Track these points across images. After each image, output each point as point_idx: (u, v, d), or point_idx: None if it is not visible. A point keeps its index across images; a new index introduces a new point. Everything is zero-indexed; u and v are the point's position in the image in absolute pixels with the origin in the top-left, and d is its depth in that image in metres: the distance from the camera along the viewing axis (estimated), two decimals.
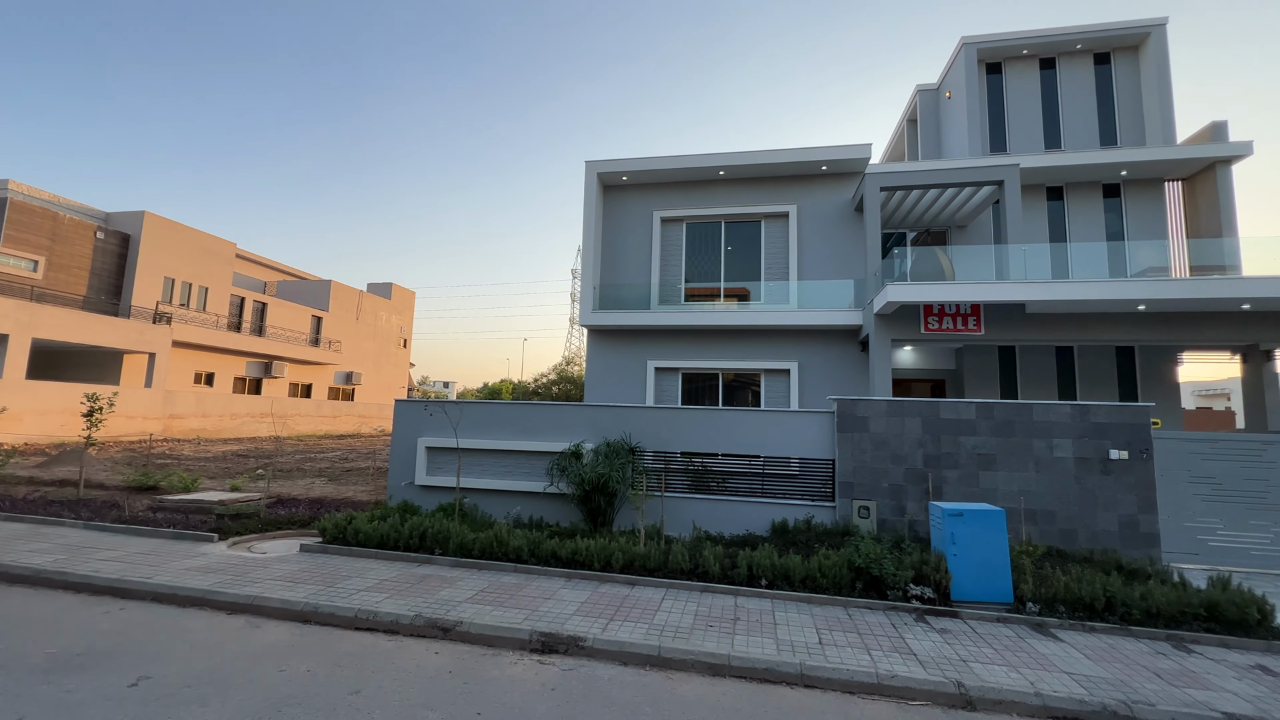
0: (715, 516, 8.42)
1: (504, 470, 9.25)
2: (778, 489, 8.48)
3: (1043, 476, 7.63)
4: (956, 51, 15.48)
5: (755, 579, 6.11)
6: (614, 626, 5.02)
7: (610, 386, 14.43)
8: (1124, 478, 7.44)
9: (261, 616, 5.30)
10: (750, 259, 14.65)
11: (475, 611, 5.24)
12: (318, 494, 10.89)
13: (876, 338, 11.85)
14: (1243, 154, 12.83)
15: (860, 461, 8.09)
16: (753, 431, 8.61)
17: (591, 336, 14.95)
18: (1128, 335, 11.12)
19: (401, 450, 9.62)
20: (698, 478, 8.72)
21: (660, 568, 6.37)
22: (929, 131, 17.10)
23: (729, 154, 14.13)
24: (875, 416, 8.14)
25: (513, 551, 6.72)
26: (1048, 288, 10.38)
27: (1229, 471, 7.56)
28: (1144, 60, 14.37)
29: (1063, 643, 5.02)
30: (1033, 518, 7.54)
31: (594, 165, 14.85)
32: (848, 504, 8.02)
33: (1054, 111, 14.89)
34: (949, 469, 7.85)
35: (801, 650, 4.64)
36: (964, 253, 13.17)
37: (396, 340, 43.59)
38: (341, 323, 37.54)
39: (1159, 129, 13.90)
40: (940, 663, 4.51)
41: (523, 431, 9.29)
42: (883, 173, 12.75)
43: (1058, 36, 14.56)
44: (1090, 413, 7.65)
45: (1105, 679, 4.32)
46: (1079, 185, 14.13)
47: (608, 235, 15.28)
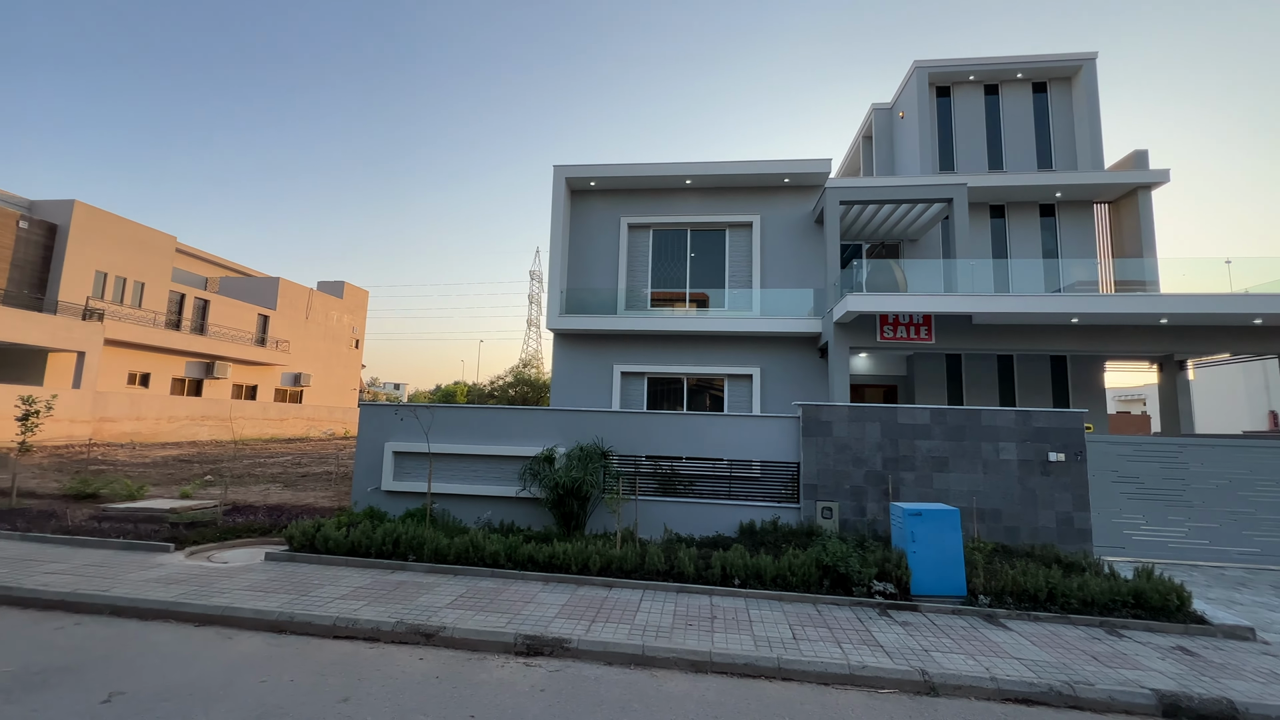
0: (686, 518, 8.64)
1: (474, 475, 9.20)
2: (745, 491, 8.77)
3: (990, 477, 8.20)
4: (909, 74, 16.32)
5: (729, 578, 6.35)
6: (597, 627, 5.14)
7: (576, 390, 14.50)
8: (1061, 478, 8.07)
9: (233, 628, 5.17)
10: (715, 267, 15.01)
11: (457, 617, 5.26)
12: (275, 500, 10.53)
13: (836, 345, 12.36)
14: (1161, 181, 14.05)
15: (824, 464, 8.47)
16: (721, 436, 8.88)
17: (558, 341, 14.99)
18: (1061, 345, 11.99)
19: (367, 455, 9.43)
20: (668, 481, 8.92)
21: (637, 569, 6.53)
22: (883, 148, 17.94)
23: (695, 164, 14.46)
24: (838, 421, 8.54)
25: (489, 556, 6.74)
26: (992, 300, 11.10)
27: (1150, 472, 8.31)
28: (1076, 90, 15.53)
29: (1012, 631, 5.45)
30: (982, 516, 8.08)
31: (562, 170, 14.91)
32: (812, 505, 8.38)
33: (997, 134, 15.89)
34: (906, 471, 8.32)
35: (778, 645, 4.89)
36: (916, 266, 13.90)
37: (348, 340, 42.19)
38: (290, 322, 36.07)
39: (1089, 154, 15.05)
40: (905, 653, 4.84)
41: (494, 436, 9.27)
42: (842, 187, 13.33)
43: (1000, 65, 15.56)
44: (1032, 418, 8.26)
45: (1050, 663, 4.74)
46: (1019, 205, 15.13)
47: (575, 240, 15.35)
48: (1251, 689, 4.39)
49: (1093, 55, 15.26)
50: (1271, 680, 4.56)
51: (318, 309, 38.93)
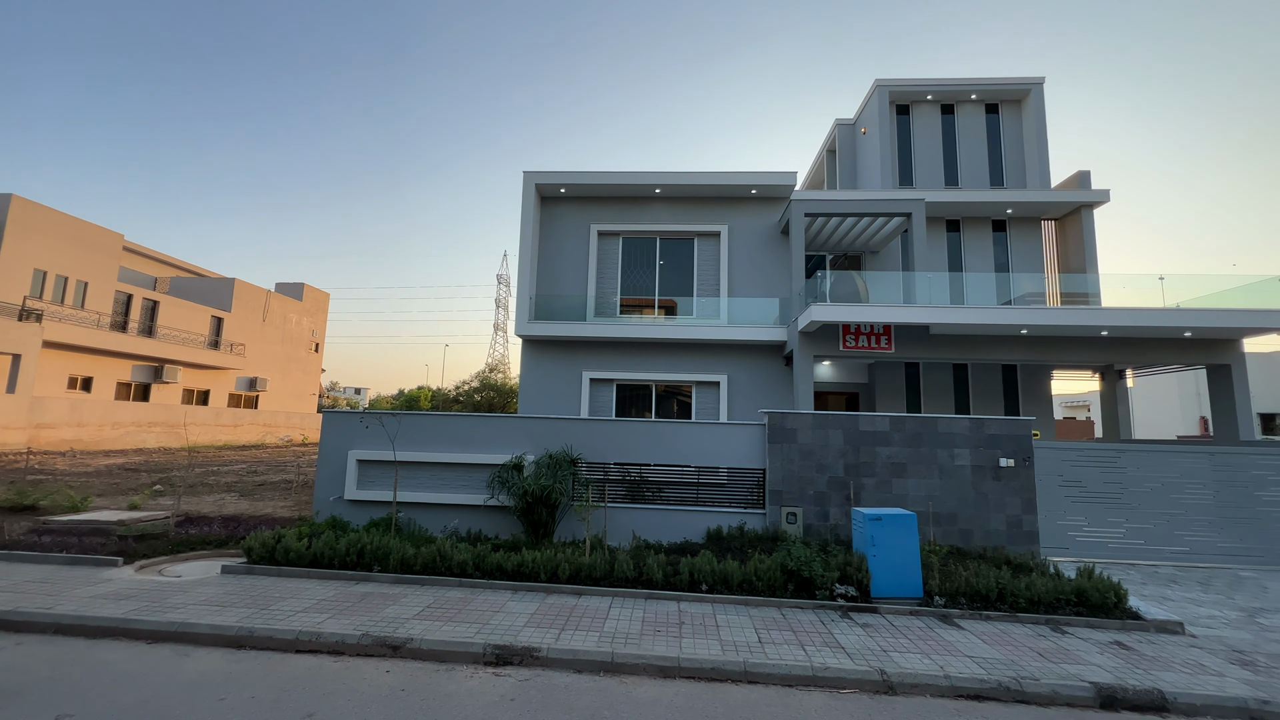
0: (654, 525, 8.72)
1: (441, 483, 9.10)
2: (712, 497, 8.92)
3: (946, 482, 8.54)
4: (871, 92, 16.90)
5: (696, 584, 6.45)
6: (566, 635, 5.17)
7: (545, 397, 14.47)
8: (1011, 483, 8.47)
9: (189, 644, 5.00)
10: (684, 275, 15.20)
11: (424, 628, 5.21)
12: (231, 511, 10.17)
13: (800, 353, 12.68)
14: (1102, 200, 14.89)
15: (789, 470, 8.68)
16: (689, 443, 9.01)
17: (526, 347, 14.93)
18: (1012, 355, 12.57)
19: (330, 463, 9.22)
20: (635, 488, 8.99)
21: (605, 577, 6.57)
22: (846, 162, 18.49)
23: (665, 173, 14.65)
24: (802, 428, 8.77)
25: (457, 566, 6.68)
26: (948, 312, 11.58)
27: (1092, 476, 8.80)
28: (1025, 112, 16.34)
29: (964, 630, 5.71)
30: (938, 520, 8.41)
31: (532, 176, 14.91)
32: (777, 511, 8.58)
33: (953, 152, 16.58)
34: (867, 477, 8.60)
35: (744, 649, 5.00)
36: (877, 278, 14.38)
37: (307, 344, 40.95)
38: (246, 324, 34.83)
39: (1037, 173, 15.84)
40: (865, 654, 5.02)
41: (461, 444, 9.19)
42: (807, 199, 13.70)
43: (956, 86, 16.26)
44: (985, 425, 8.65)
45: (999, 660, 4.99)
46: (973, 220, 15.81)
47: (544, 246, 15.34)
48: (1180, 679, 4.72)
49: (1040, 80, 16.09)
50: (1198, 671, 4.91)
51: (276, 311, 37.69)
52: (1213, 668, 4.99)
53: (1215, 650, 5.41)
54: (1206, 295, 12.01)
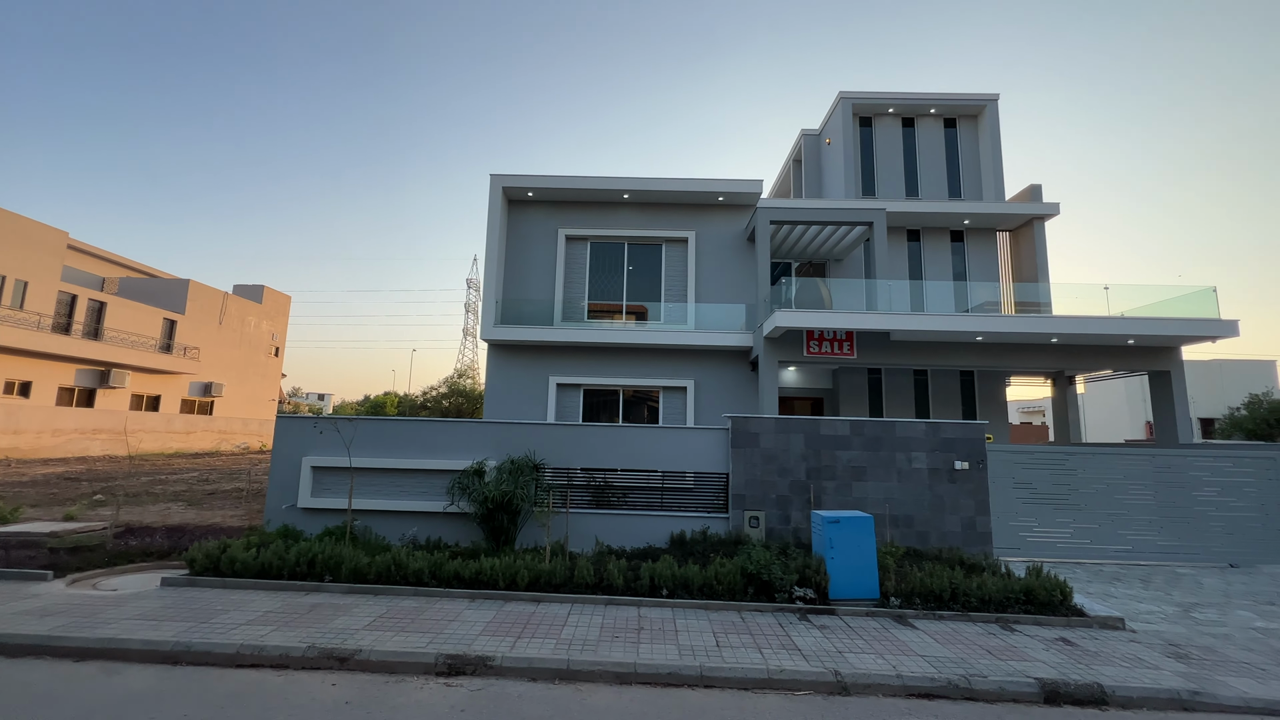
0: (617, 530, 8.67)
1: (400, 490, 8.89)
2: (676, 502, 8.92)
3: (904, 485, 8.71)
4: (835, 103, 17.28)
5: (657, 589, 6.43)
6: (522, 643, 5.08)
7: (511, 402, 14.30)
8: (965, 485, 8.69)
9: (120, 661, 4.75)
10: (651, 280, 15.24)
11: (375, 638, 5.06)
12: (177, 521, 9.74)
13: (765, 359, 12.82)
14: (1052, 213, 15.50)
15: (751, 474, 8.74)
16: (653, 447, 9.00)
17: (492, 351, 14.74)
18: (969, 361, 12.95)
19: (283, 470, 8.92)
20: (600, 493, 8.94)
21: (566, 583, 6.49)
22: (812, 172, 18.86)
23: (633, 179, 14.69)
24: (765, 433, 8.85)
25: (412, 575, 6.51)
26: (907, 319, 11.87)
27: (1041, 478, 9.09)
28: (981, 127, 16.93)
29: (918, 630, 5.81)
30: (896, 522, 8.57)
31: (499, 179, 14.78)
32: (740, 514, 8.62)
33: (913, 164, 17.06)
34: (827, 480, 8.72)
35: (701, 654, 4.99)
36: (840, 285, 14.65)
37: (266, 348, 39.67)
38: (201, 327, 33.56)
39: (992, 186, 16.41)
40: (821, 655, 5.06)
41: (422, 449, 8.99)
42: (773, 207, 13.90)
43: (916, 100, 16.76)
44: (940, 429, 8.87)
45: (950, 659, 5.09)
46: (932, 230, 16.27)
47: (511, 250, 15.21)
48: (1119, 673, 4.89)
49: (995, 96, 16.70)
50: (1135, 665, 5.09)
51: (233, 314, 36.43)
52: (1150, 661, 5.19)
53: (1153, 644, 5.63)
54: (1148, 305, 12.60)
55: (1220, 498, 9.03)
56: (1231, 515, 8.98)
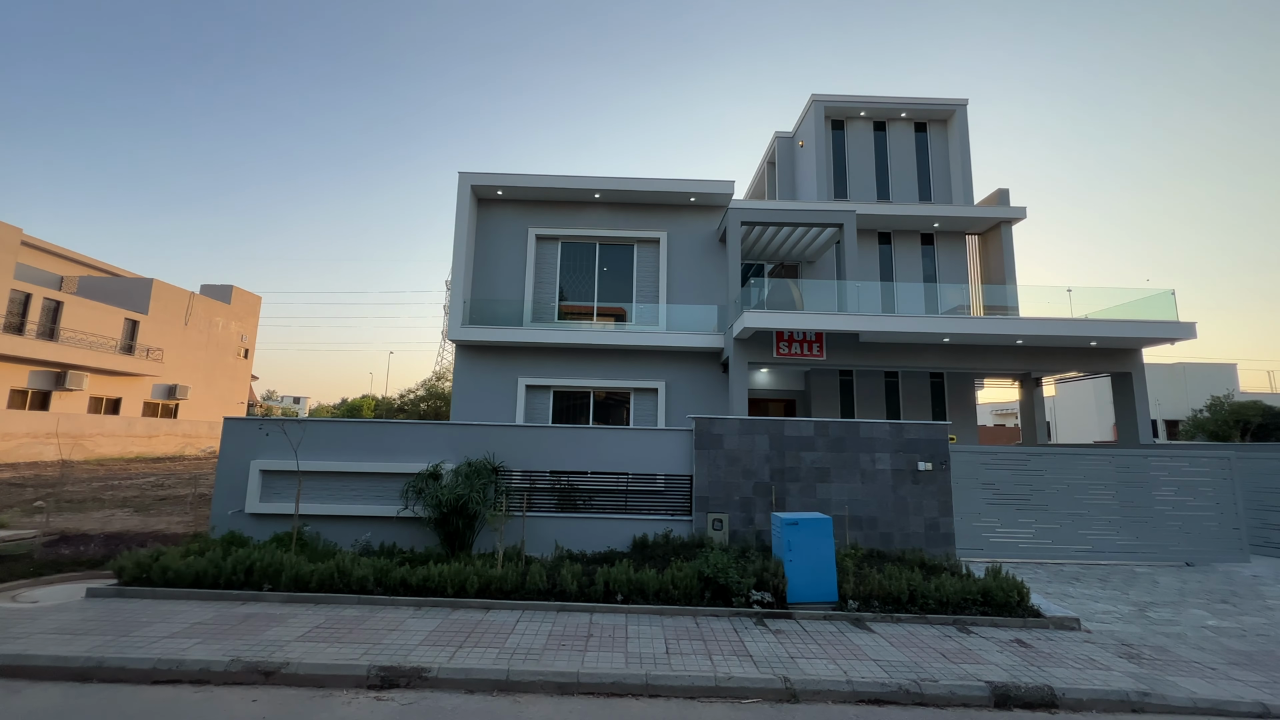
0: (578, 534, 8.47)
1: (354, 494, 8.59)
2: (640, 505, 8.75)
3: (868, 486, 8.66)
4: (808, 106, 17.34)
5: (611, 594, 6.25)
6: (463, 654, 4.86)
7: (479, 404, 14.03)
8: (929, 486, 8.66)
9: (23, 679, 4.43)
10: (623, 281, 15.09)
11: (306, 650, 4.80)
12: (118, 528, 9.30)
13: (735, 360, 12.74)
14: (1019, 217, 15.70)
15: (715, 476, 8.61)
16: (617, 449, 8.83)
17: (461, 352, 14.46)
18: (938, 363, 13.01)
19: (230, 474, 8.57)
20: (564, 496, 8.74)
21: (517, 589, 6.28)
22: (785, 174, 18.89)
23: (604, 178, 14.54)
24: (729, 434, 8.73)
25: (356, 582, 6.25)
26: (876, 320, 11.88)
27: (1004, 479, 9.11)
28: (951, 132, 17.11)
29: (875, 634, 5.71)
30: (859, 524, 8.50)
31: (468, 177, 14.53)
32: (703, 517, 8.48)
33: (884, 167, 17.17)
34: (791, 482, 8.63)
35: (649, 661, 4.83)
36: (811, 286, 14.65)
37: (235, 349, 38.68)
38: (166, 328, 32.58)
39: (961, 190, 16.57)
40: (772, 661, 4.93)
41: (376, 452, 8.71)
42: (744, 208, 13.85)
43: (887, 104, 16.87)
44: (904, 430, 8.83)
45: (903, 663, 4.99)
46: (903, 233, 16.38)
47: (481, 249, 14.95)
48: (1070, 675, 4.83)
49: (964, 101, 16.90)
50: (1088, 666, 5.04)
51: (200, 315, 35.45)
52: (1102, 662, 5.15)
53: (1106, 645, 5.60)
54: (1110, 307, 12.79)
55: (1177, 497, 9.13)
56: (1188, 515, 9.09)
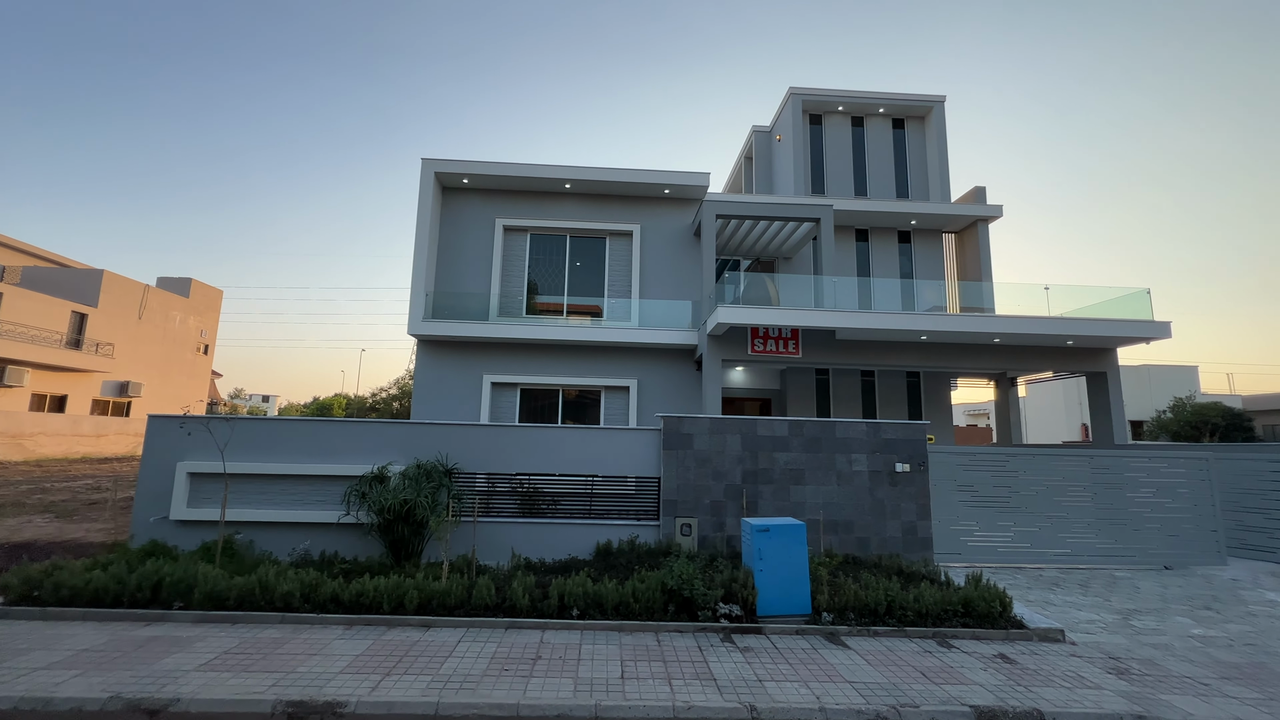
0: (539, 541, 7.92)
1: (293, 499, 7.91)
2: (605, 509, 8.23)
3: (844, 489, 8.26)
4: (785, 99, 16.99)
5: (566, 609, 5.71)
6: (389, 683, 4.28)
7: (442, 403, 13.35)
8: (907, 488, 8.30)
9: None
10: (594, 275, 14.55)
11: (205, 682, 4.17)
12: (29, 536, 8.45)
13: (709, 357, 12.29)
14: (995, 215, 15.55)
15: (684, 479, 8.13)
16: (580, 450, 8.29)
17: (422, 348, 13.77)
18: (915, 361, 12.74)
19: (154, 477, 7.81)
20: (523, 500, 8.18)
21: (462, 604, 5.71)
22: (762, 169, 18.54)
23: (575, 168, 13.97)
24: (699, 434, 8.26)
25: (280, 599, 5.60)
26: (852, 316, 11.53)
27: (983, 480, 8.80)
28: (928, 128, 16.93)
29: (850, 650, 5.28)
30: (834, 528, 8.10)
31: (431, 164, 13.84)
32: (671, 522, 8.00)
33: (862, 164, 16.92)
34: (765, 484, 8.19)
35: (600, 689, 4.31)
36: (786, 281, 14.28)
37: (194, 345, 37.09)
38: (117, 322, 31.01)
39: (939, 187, 16.39)
40: (738, 686, 4.45)
41: (318, 452, 8.04)
42: (719, 201, 13.41)
43: (865, 99, 16.61)
44: (882, 430, 8.46)
45: (881, 684, 4.55)
46: (880, 230, 16.13)
47: (445, 239, 14.26)
48: (1059, 696, 4.44)
49: (941, 98, 16.72)
50: (1077, 685, 4.67)
51: (156, 308, 33.87)
52: (1091, 679, 4.78)
53: (1093, 658, 5.25)
54: (1086, 306, 12.65)
55: (1156, 499, 8.92)
56: (1166, 517, 8.89)
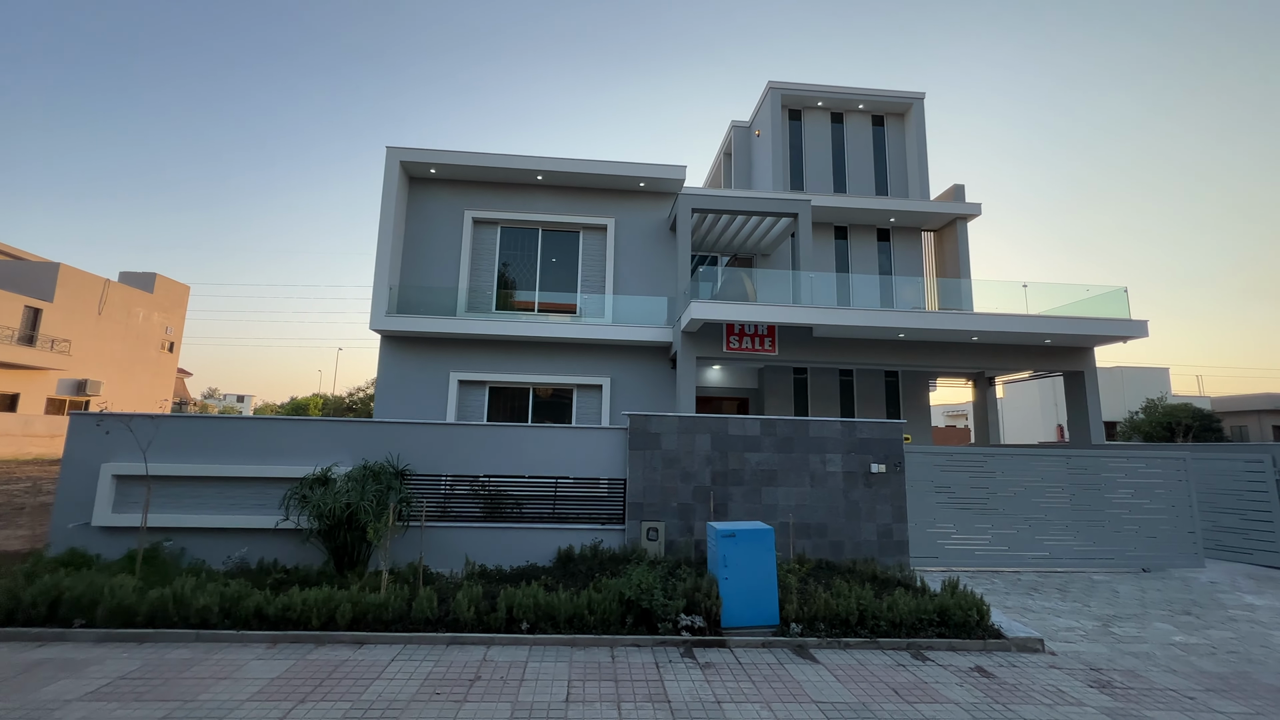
0: (499, 547, 7.47)
1: (231, 502, 7.36)
2: (568, 512, 7.80)
3: (817, 490, 7.92)
4: (764, 94, 16.71)
5: (515, 622, 5.27)
6: (301, 711, 3.81)
7: (407, 401, 12.81)
8: (882, 490, 7.99)
9: None
10: (567, 270, 14.10)
11: (85, 715, 3.66)
12: None
13: (683, 354, 11.92)
14: (975, 213, 15.41)
15: (651, 480, 7.73)
16: (542, 450, 7.85)
17: (386, 344, 13.20)
18: (893, 360, 12.49)
19: (76, 480, 7.21)
20: (483, 504, 7.71)
21: (401, 618, 5.24)
22: (741, 165, 18.24)
23: (547, 159, 13.52)
24: (667, 433, 7.87)
25: (197, 614, 5.08)
26: (829, 313, 11.24)
27: (961, 481, 8.53)
28: (908, 125, 16.76)
29: (819, 665, 4.91)
30: (807, 531, 7.76)
31: (397, 152, 13.28)
32: (637, 526, 7.59)
33: (841, 160, 16.69)
34: (735, 485, 7.82)
35: (540, 714, 3.88)
36: (764, 276, 13.97)
37: (158, 342, 35.83)
38: (75, 317, 29.77)
39: (918, 185, 16.22)
40: (693, 708, 4.05)
41: (259, 454, 7.49)
42: (695, 194, 13.05)
43: (844, 95, 16.39)
44: (856, 429, 8.14)
45: (850, 704, 4.19)
46: (859, 227, 15.91)
47: (411, 232, 13.72)
48: (1039, 715, 4.12)
49: (921, 95, 16.57)
50: (1057, 701, 4.35)
51: (117, 304, 32.62)
52: (1072, 694, 4.47)
53: (1074, 670, 4.95)
54: (1064, 305, 12.50)
55: (1134, 499, 8.73)
56: (1144, 518, 8.69)
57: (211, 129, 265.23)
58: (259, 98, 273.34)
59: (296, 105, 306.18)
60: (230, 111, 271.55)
